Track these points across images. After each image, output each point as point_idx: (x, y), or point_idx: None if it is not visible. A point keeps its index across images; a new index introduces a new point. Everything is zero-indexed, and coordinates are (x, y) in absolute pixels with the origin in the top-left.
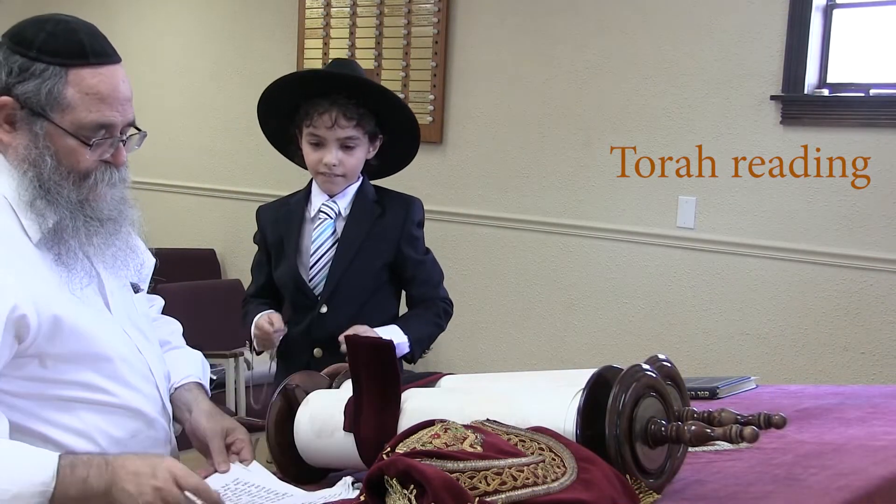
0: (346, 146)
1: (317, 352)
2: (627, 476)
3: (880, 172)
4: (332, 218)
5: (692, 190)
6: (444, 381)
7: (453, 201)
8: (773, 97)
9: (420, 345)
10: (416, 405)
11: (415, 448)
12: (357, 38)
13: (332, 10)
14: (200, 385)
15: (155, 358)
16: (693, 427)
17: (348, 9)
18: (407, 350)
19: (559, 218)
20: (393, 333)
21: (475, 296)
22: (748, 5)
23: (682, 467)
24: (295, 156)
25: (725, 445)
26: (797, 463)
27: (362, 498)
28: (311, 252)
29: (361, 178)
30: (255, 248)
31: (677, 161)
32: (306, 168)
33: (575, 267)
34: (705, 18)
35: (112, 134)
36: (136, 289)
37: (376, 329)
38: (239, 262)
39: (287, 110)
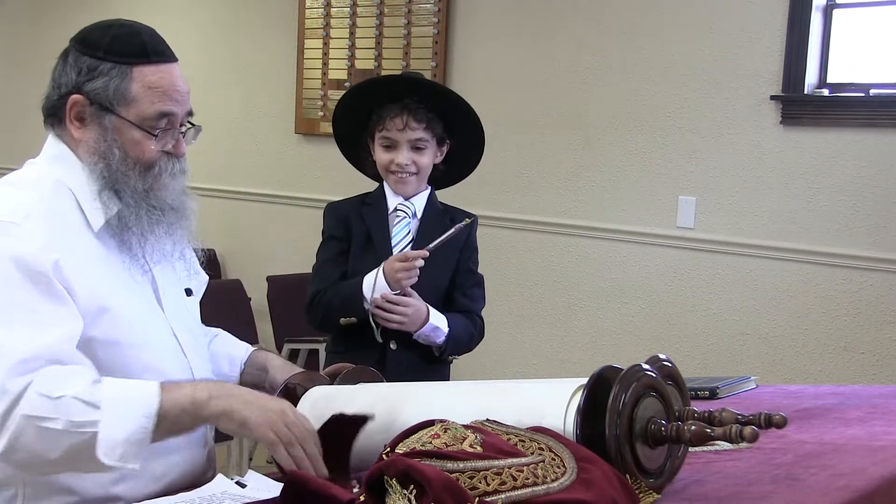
0: (416, 147)
1: (392, 344)
2: (627, 476)
3: (880, 172)
4: (409, 217)
5: (692, 190)
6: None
7: (453, 201)
8: (773, 97)
9: (454, 343)
10: (416, 402)
11: (414, 448)
12: (357, 38)
13: (332, 10)
14: (265, 349)
15: (199, 360)
16: (693, 427)
17: (348, 9)
18: (442, 340)
19: (559, 218)
20: (440, 320)
21: None
22: (748, 5)
23: (682, 467)
24: (366, 163)
25: (725, 445)
26: (797, 463)
27: (362, 498)
28: (392, 247)
29: (430, 188)
30: (255, 248)
31: (677, 161)
32: (374, 178)
33: (575, 267)
34: (705, 18)
35: (173, 125)
36: (188, 293)
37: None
38: (239, 263)
39: (360, 117)
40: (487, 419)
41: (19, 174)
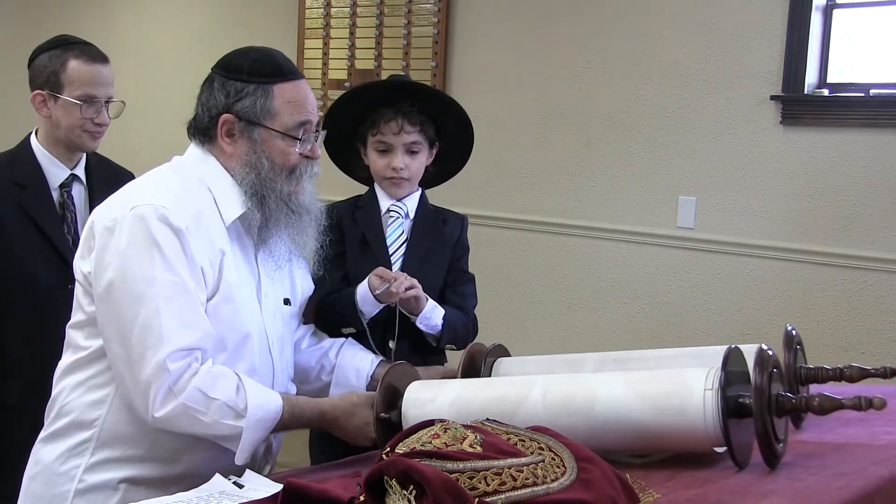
0: (411, 151)
1: (392, 344)
2: (627, 476)
3: (880, 172)
4: (402, 217)
5: (692, 190)
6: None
7: (453, 201)
8: (773, 97)
9: (451, 329)
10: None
11: (414, 448)
12: (357, 38)
13: (332, 10)
14: (387, 362)
15: (282, 363)
16: (817, 399)
17: (348, 9)
18: (439, 327)
19: (559, 218)
20: (435, 309)
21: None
22: (748, 5)
23: (682, 468)
24: (356, 168)
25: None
26: (797, 463)
27: (362, 498)
28: (388, 247)
29: (420, 190)
30: None
31: (677, 161)
32: (365, 182)
33: (575, 267)
34: (705, 18)
35: (308, 131)
36: (286, 302)
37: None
38: None
39: (351, 123)
40: (487, 419)
41: (166, 166)
